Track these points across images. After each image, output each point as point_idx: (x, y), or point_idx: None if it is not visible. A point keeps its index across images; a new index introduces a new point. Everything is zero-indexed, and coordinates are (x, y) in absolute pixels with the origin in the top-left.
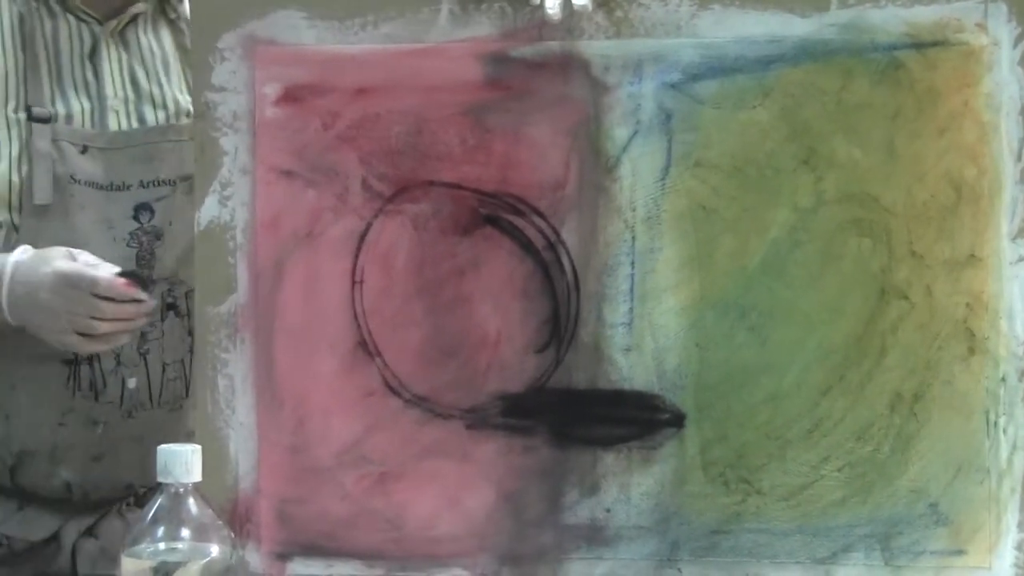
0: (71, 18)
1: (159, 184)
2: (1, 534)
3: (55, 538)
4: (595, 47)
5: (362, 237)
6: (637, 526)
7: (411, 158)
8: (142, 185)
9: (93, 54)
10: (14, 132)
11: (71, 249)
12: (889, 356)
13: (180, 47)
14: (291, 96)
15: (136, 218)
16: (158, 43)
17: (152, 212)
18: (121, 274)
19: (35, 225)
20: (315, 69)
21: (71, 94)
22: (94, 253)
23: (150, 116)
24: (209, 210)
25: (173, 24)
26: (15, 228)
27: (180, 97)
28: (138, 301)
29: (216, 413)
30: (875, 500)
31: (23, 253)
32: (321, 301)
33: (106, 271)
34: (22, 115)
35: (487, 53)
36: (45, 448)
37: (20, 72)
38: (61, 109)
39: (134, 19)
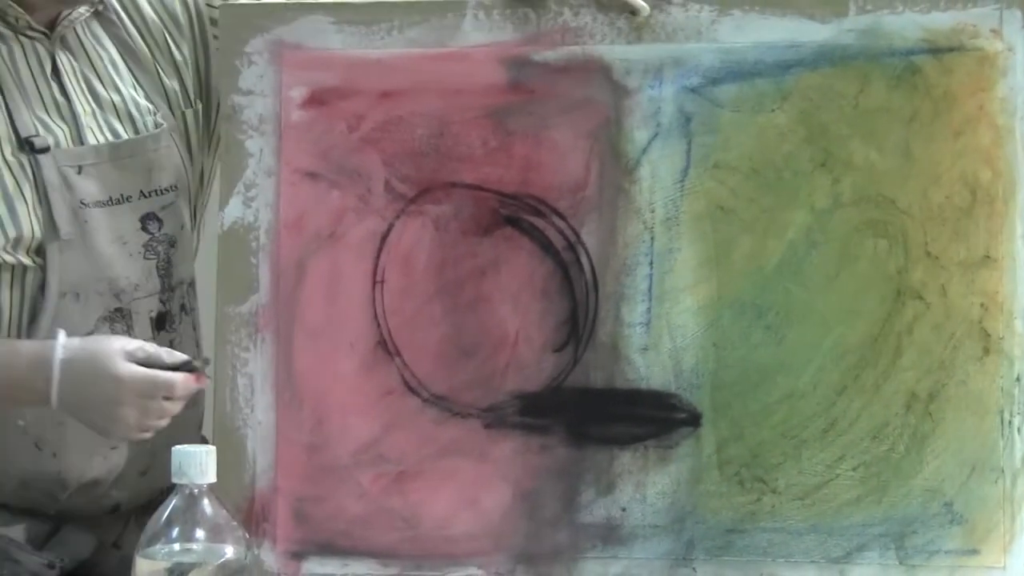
0: (22, 39)
1: (161, 193)
2: (54, 556)
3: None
4: (616, 51)
5: (384, 238)
6: (652, 525)
7: (433, 160)
8: (143, 195)
9: (55, 71)
10: (20, 174)
11: (121, 341)
12: (904, 356)
13: (117, 40)
14: (317, 99)
15: (145, 228)
16: (97, 42)
17: (160, 221)
18: (182, 367)
19: (58, 260)
20: (341, 73)
21: (47, 118)
22: (117, 272)
23: (119, 127)
24: (233, 211)
25: (102, 16)
26: (41, 268)
27: (138, 97)
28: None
29: (235, 412)
30: (890, 499)
31: (65, 349)
32: (342, 301)
33: (169, 361)
34: (23, 156)
35: (510, 57)
36: (100, 476)
37: (3, 109)
38: (48, 136)
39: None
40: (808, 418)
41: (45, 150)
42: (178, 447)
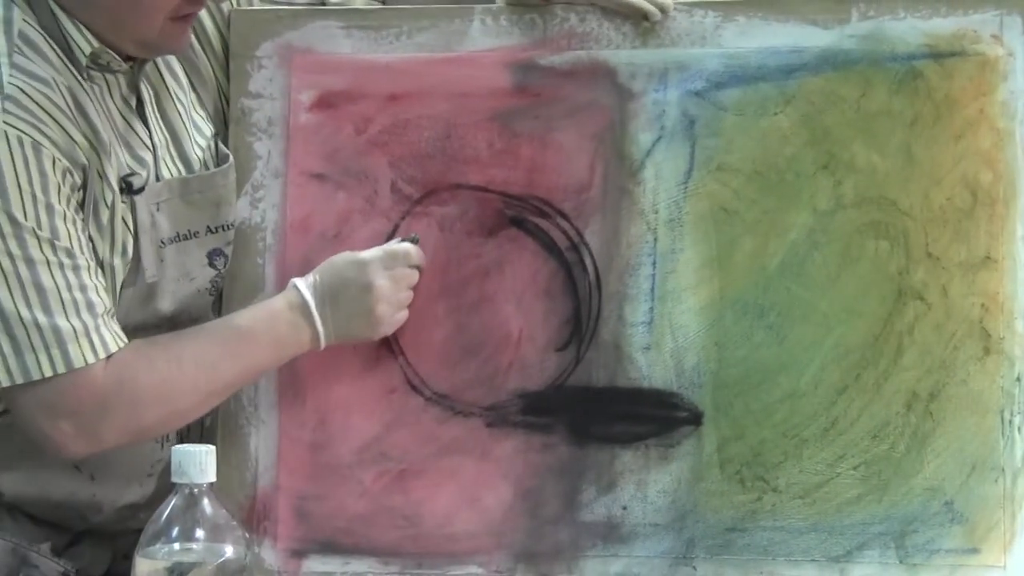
0: (108, 76)
1: (227, 228)
2: (70, 565)
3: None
4: (622, 56)
5: (389, 238)
6: (653, 524)
7: (439, 162)
8: (210, 231)
9: (140, 105)
10: (128, 216)
11: (340, 257)
12: (905, 356)
13: (185, 59)
14: (325, 102)
15: (212, 264)
16: (167, 65)
17: (226, 257)
18: (404, 240)
19: (129, 300)
20: (350, 76)
21: (138, 154)
22: (181, 307)
23: (192, 156)
24: (240, 212)
25: None
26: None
27: (204, 122)
28: None
29: (238, 410)
30: (890, 498)
31: (304, 280)
32: None
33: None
34: (125, 199)
35: (516, 61)
36: (135, 501)
37: (113, 144)
38: (142, 173)
39: None
40: (809, 417)
41: (141, 190)
42: (178, 447)
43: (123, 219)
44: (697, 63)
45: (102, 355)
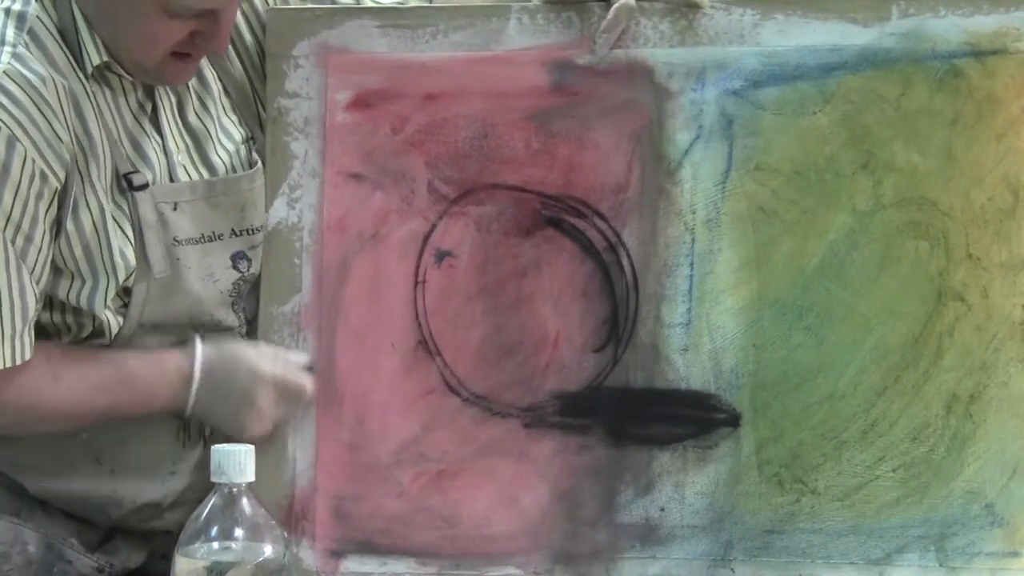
0: (124, 81)
1: (252, 232)
2: (104, 560)
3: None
4: (659, 55)
5: (426, 238)
6: (691, 525)
7: (476, 161)
8: (235, 233)
9: (155, 111)
10: (120, 215)
11: (256, 345)
12: (945, 358)
13: (219, 68)
14: (362, 102)
15: (235, 267)
16: (197, 72)
17: (249, 260)
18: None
19: (144, 296)
20: (386, 76)
21: (146, 154)
22: (207, 310)
23: (216, 160)
24: (277, 212)
25: None
26: (125, 305)
27: (235, 126)
28: None
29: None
30: (930, 501)
31: (204, 356)
32: (384, 301)
33: (296, 361)
34: (122, 196)
35: (553, 60)
36: (156, 499)
37: (104, 148)
38: (147, 172)
39: None
40: (848, 419)
41: (143, 187)
42: (217, 446)
43: (115, 219)
44: (735, 62)
45: None
